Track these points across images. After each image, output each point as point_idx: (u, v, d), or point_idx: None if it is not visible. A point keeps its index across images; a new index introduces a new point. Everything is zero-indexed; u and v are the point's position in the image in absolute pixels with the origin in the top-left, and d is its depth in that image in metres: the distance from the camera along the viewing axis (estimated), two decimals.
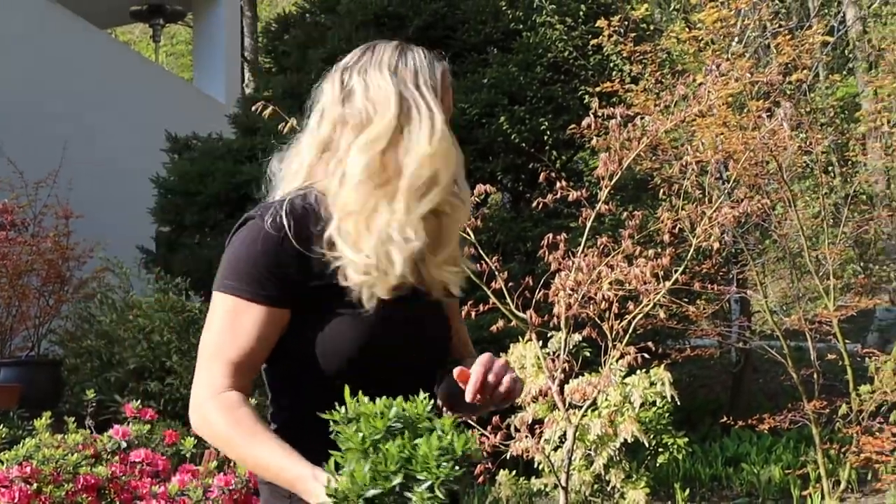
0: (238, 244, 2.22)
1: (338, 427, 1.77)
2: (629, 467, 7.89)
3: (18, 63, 12.65)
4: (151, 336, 8.67)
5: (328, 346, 2.19)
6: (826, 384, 8.78)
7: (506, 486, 8.03)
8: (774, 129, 7.08)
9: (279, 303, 2.18)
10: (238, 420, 2.11)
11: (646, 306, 6.18)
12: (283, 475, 2.03)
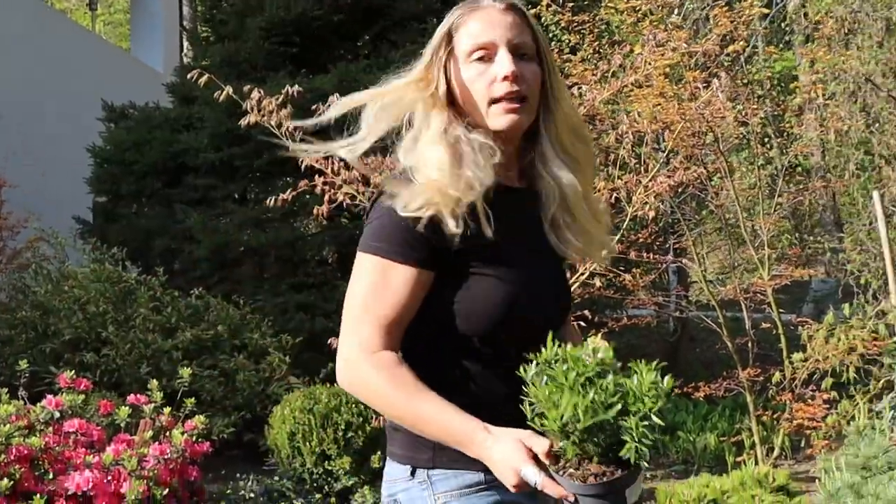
0: (383, 212, 2.28)
1: (545, 368, 1.96)
2: None
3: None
4: (87, 307, 8.60)
5: (475, 308, 2.24)
6: (761, 353, 8.87)
7: None
8: (710, 99, 7.12)
9: (426, 264, 2.23)
10: (399, 378, 2.17)
11: (582, 275, 6.21)
12: (450, 428, 2.11)
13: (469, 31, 2.40)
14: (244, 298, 10.07)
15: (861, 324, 7.47)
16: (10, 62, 13.43)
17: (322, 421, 6.80)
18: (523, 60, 2.35)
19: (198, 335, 8.73)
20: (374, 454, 6.83)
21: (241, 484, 5.67)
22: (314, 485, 6.65)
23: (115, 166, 12.13)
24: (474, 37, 2.39)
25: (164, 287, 9.48)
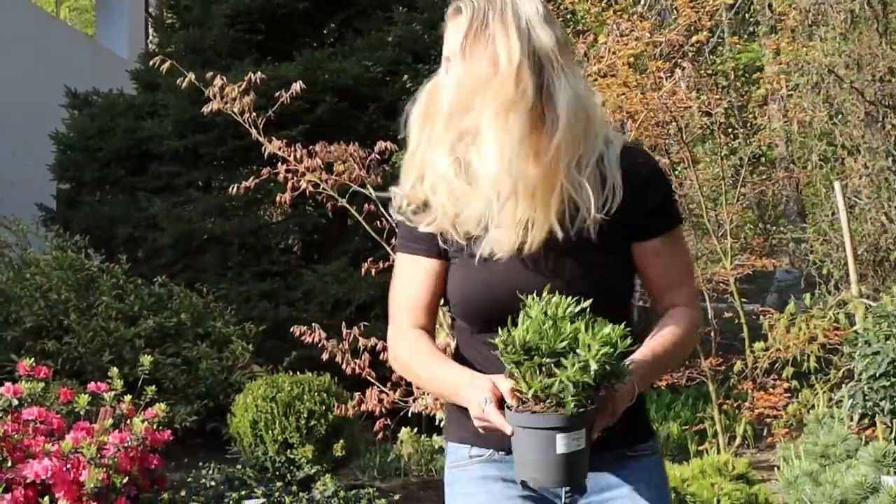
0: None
1: (526, 303, 2.07)
2: None
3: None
4: (49, 294, 8.54)
5: (448, 294, 2.42)
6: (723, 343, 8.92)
7: (408, 443, 8.07)
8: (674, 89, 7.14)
9: (429, 254, 2.40)
10: (416, 348, 2.38)
11: None
12: (447, 381, 2.31)
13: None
14: (208, 286, 10.03)
15: (822, 313, 7.52)
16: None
17: (285, 409, 6.78)
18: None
19: (160, 323, 8.69)
20: (337, 442, 6.83)
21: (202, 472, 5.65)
22: (276, 473, 6.63)
23: (79, 153, 12.05)
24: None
25: (127, 275, 9.43)
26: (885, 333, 5.60)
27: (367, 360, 6.17)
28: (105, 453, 4.83)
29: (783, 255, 16.37)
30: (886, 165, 11.11)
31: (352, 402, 6.26)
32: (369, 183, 6.35)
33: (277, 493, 5.36)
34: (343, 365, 6.14)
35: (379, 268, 6.36)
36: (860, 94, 11.33)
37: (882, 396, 5.40)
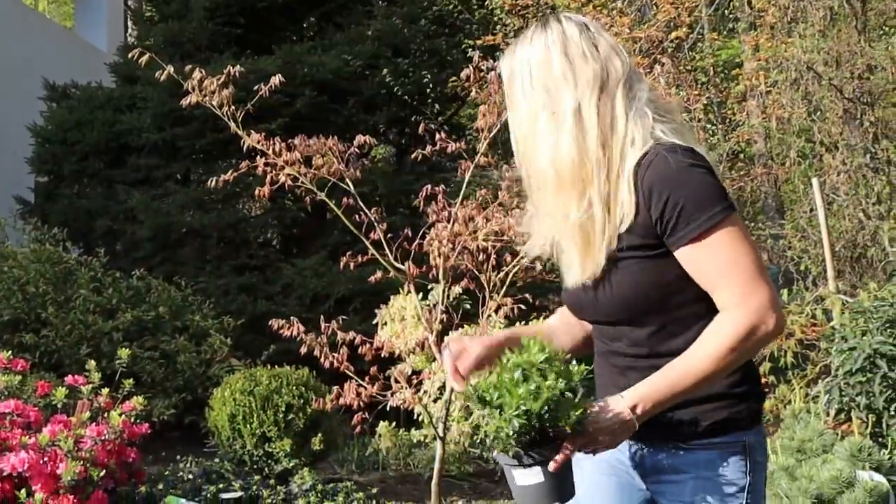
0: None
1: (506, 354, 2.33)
2: None
3: None
4: (27, 288, 8.51)
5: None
6: None
7: (386, 437, 8.07)
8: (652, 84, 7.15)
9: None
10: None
11: (523, 258, 6.22)
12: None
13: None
14: (186, 280, 10.02)
15: (799, 309, 7.56)
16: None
17: (262, 403, 6.77)
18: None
19: (139, 316, 8.67)
20: (315, 436, 6.82)
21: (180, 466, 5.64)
22: (254, 467, 6.63)
23: (57, 146, 12.02)
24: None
25: (105, 268, 9.41)
26: (861, 329, 5.63)
27: (346, 353, 6.16)
28: (82, 446, 4.82)
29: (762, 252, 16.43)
30: (864, 162, 11.17)
31: (330, 396, 6.25)
32: (348, 177, 6.34)
33: (255, 486, 5.36)
34: (321, 359, 6.14)
35: (357, 261, 6.36)
36: (839, 91, 11.38)
37: (858, 392, 5.43)
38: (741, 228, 2.37)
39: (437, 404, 7.20)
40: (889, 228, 10.37)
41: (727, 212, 2.34)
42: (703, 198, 2.34)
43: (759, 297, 2.32)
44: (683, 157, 2.36)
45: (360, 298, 9.78)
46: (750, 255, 2.36)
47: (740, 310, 2.33)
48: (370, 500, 5.32)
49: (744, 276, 2.35)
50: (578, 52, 2.45)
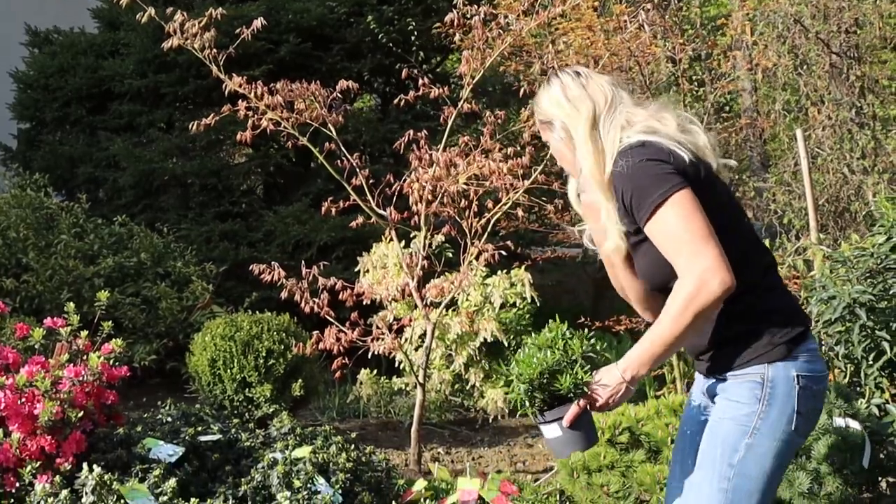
0: None
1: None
2: (488, 367, 7.99)
3: None
4: (7, 233, 8.47)
5: None
6: None
7: (367, 384, 8.08)
8: (637, 33, 7.12)
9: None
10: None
11: (504, 204, 6.21)
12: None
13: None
14: (168, 227, 10.00)
15: (781, 260, 7.56)
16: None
17: (243, 348, 6.76)
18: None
19: (120, 262, 8.64)
20: (295, 382, 6.82)
21: (159, 409, 5.63)
22: (234, 412, 6.63)
23: (39, 92, 11.95)
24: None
25: (87, 215, 9.37)
26: (841, 279, 5.64)
27: (326, 299, 6.16)
28: (60, 388, 4.79)
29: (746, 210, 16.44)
30: (850, 117, 11.15)
31: (310, 341, 6.25)
32: (331, 122, 6.31)
33: (234, 429, 5.34)
34: (302, 304, 6.13)
35: (339, 207, 6.34)
36: (825, 46, 11.34)
37: (837, 341, 5.45)
38: (685, 203, 2.89)
39: (419, 352, 7.21)
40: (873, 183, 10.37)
41: (669, 192, 2.90)
42: (647, 185, 2.93)
43: (701, 262, 2.83)
44: (632, 156, 2.99)
45: (342, 247, 9.77)
46: (693, 224, 2.87)
47: (686, 276, 2.86)
48: (349, 444, 5.31)
49: (687, 245, 2.87)
50: (574, 94, 3.21)
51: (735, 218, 3.12)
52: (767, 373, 2.99)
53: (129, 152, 10.79)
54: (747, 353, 3.02)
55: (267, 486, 4.71)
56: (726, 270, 2.82)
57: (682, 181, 2.91)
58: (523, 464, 7.10)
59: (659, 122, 3.10)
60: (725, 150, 15.52)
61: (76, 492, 4.34)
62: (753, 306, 3.04)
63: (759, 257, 3.14)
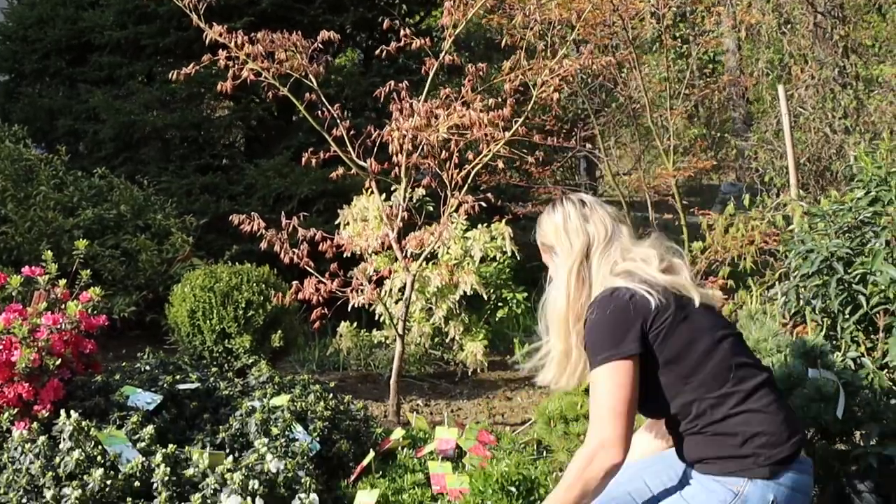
0: None
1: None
2: (468, 320, 8.00)
3: None
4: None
5: None
6: None
7: (346, 337, 8.08)
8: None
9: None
10: None
11: (485, 156, 6.19)
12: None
13: None
14: (149, 179, 9.96)
15: (760, 216, 7.58)
16: None
17: (223, 299, 6.74)
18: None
19: (100, 214, 8.61)
20: (275, 333, 6.81)
21: (139, 360, 5.62)
22: (214, 363, 6.62)
23: (18, 44, 11.86)
24: None
25: (66, 167, 9.32)
26: (819, 233, 5.65)
27: (306, 250, 6.14)
28: (38, 336, 4.78)
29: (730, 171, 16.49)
30: (832, 77, 11.15)
31: (290, 291, 6.24)
32: (312, 73, 6.28)
33: (212, 378, 5.35)
34: (282, 254, 6.11)
35: (320, 159, 6.32)
36: (810, 5, 11.32)
37: (814, 294, 5.45)
38: (616, 375, 3.13)
39: (399, 305, 7.21)
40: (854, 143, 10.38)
41: (608, 359, 3.14)
42: (597, 343, 3.19)
43: (602, 434, 3.11)
44: (598, 308, 3.24)
45: (322, 200, 9.75)
46: (613, 398, 3.12)
47: (586, 444, 3.15)
48: (327, 393, 5.32)
49: (598, 413, 3.15)
50: (573, 227, 3.41)
51: (706, 351, 3.24)
52: (745, 488, 3.15)
53: (109, 105, 10.72)
54: (732, 464, 3.18)
55: (245, 434, 4.73)
56: (619, 448, 3.10)
57: (623, 351, 3.15)
58: (502, 416, 7.13)
59: (644, 262, 3.30)
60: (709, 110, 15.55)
61: (54, 438, 4.35)
62: (737, 426, 3.19)
63: (741, 381, 3.24)
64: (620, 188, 8.69)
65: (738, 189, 15.35)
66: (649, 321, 3.17)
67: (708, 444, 3.23)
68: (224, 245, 9.06)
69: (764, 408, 3.23)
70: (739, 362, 3.28)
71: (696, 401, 3.22)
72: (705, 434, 3.23)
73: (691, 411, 3.23)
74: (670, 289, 3.23)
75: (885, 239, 4.84)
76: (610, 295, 3.23)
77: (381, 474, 4.80)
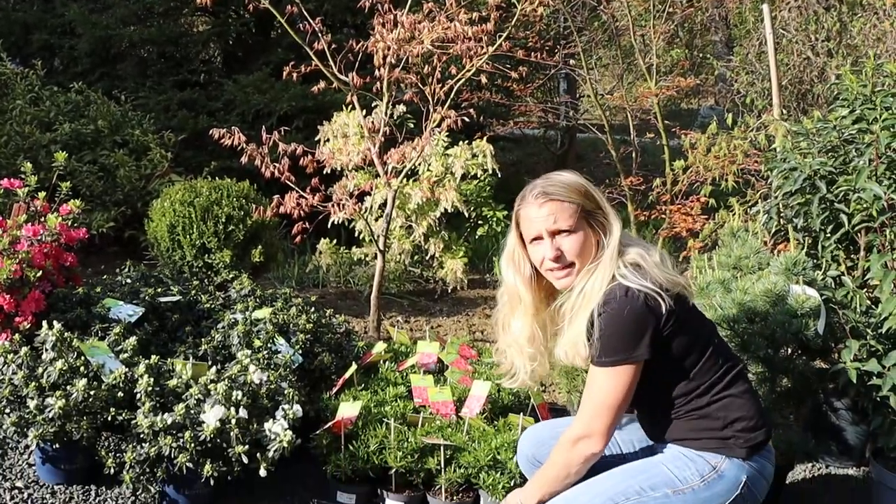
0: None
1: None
2: (448, 238, 7.99)
3: None
4: None
5: None
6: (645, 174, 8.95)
7: (326, 254, 8.07)
8: None
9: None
10: None
11: (468, 70, 6.13)
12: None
13: (523, 224, 3.37)
14: (126, 95, 9.85)
15: (743, 135, 7.56)
16: None
17: (203, 214, 6.70)
18: (564, 236, 3.29)
19: (77, 130, 8.52)
20: (255, 249, 6.79)
21: (119, 273, 5.60)
22: (194, 278, 6.60)
23: None
24: (527, 230, 3.36)
25: (42, 82, 9.21)
26: (802, 152, 5.64)
27: (287, 164, 6.09)
28: (18, 248, 4.75)
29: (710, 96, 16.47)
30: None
31: (270, 205, 6.20)
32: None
33: (194, 291, 5.33)
34: (262, 168, 6.06)
35: (301, 72, 6.25)
36: None
37: (796, 213, 5.46)
38: (621, 377, 3.18)
39: (379, 223, 7.20)
40: (836, 66, 10.35)
41: (619, 362, 3.17)
42: (611, 345, 3.16)
43: (593, 424, 3.22)
44: (615, 309, 3.15)
45: (302, 116, 9.67)
46: (613, 396, 3.20)
47: (576, 426, 3.28)
48: (309, 307, 5.32)
49: (592, 405, 3.24)
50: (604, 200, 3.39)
51: (701, 347, 3.32)
52: (722, 464, 3.29)
53: (86, 18, 10.57)
54: (713, 443, 3.32)
55: (227, 346, 4.72)
56: (602, 440, 3.24)
57: (635, 355, 3.18)
58: (482, 333, 7.16)
59: (646, 251, 3.33)
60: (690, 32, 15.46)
61: (36, 349, 4.33)
62: (719, 411, 3.32)
63: (725, 372, 3.36)
64: (601, 107, 8.62)
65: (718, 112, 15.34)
66: (661, 326, 3.19)
67: (690, 426, 3.35)
68: (202, 161, 9.00)
69: (741, 394, 3.37)
70: (725, 355, 3.41)
71: (688, 392, 3.33)
72: (688, 418, 3.35)
73: (681, 400, 3.35)
74: (672, 289, 3.24)
75: (868, 157, 4.83)
76: (625, 295, 3.17)
77: (364, 387, 4.82)
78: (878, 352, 4.46)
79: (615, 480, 3.33)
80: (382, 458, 4.23)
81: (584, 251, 3.30)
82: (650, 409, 3.49)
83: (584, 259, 3.30)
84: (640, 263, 3.24)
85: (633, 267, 3.23)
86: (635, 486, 3.29)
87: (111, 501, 4.28)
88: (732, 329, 4.58)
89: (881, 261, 4.44)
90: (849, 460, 5.42)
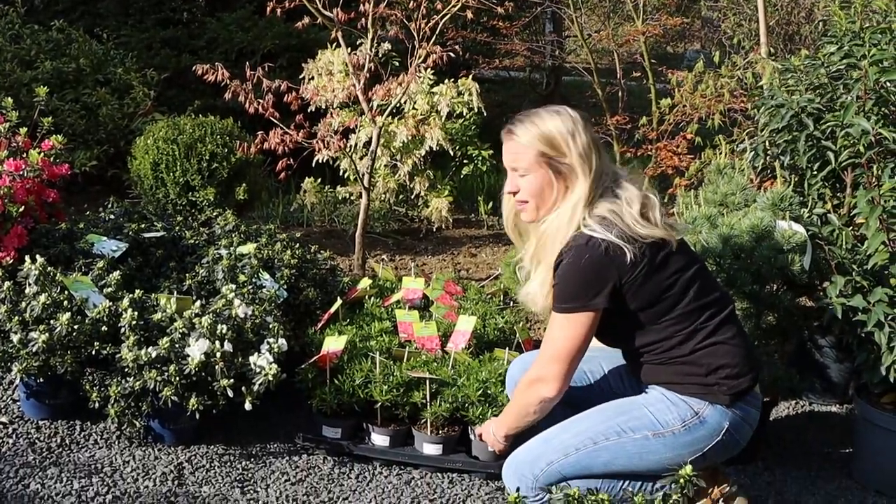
0: None
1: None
2: (434, 176, 7.97)
3: None
4: None
5: None
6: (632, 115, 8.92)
7: (311, 192, 8.04)
8: None
9: None
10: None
11: (454, 6, 6.08)
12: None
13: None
14: (108, 33, 9.75)
15: (730, 73, 7.53)
16: None
17: (186, 151, 6.64)
18: (521, 175, 3.38)
19: (59, 68, 8.43)
20: (239, 186, 6.74)
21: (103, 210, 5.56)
22: (178, 215, 6.56)
23: None
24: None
25: (22, 20, 9.11)
26: (790, 89, 5.61)
27: (271, 101, 6.05)
28: (0, 183, 4.71)
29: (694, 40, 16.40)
30: None
31: (255, 141, 6.15)
32: None
33: (178, 227, 5.30)
34: (246, 104, 6.01)
35: (285, 8, 6.19)
36: None
37: (782, 150, 5.44)
38: (577, 324, 3.24)
39: (364, 161, 7.17)
40: (824, 6, 10.29)
41: (575, 309, 3.24)
42: (567, 291, 3.25)
43: (550, 369, 3.30)
44: (576, 255, 3.22)
45: (286, 54, 9.58)
46: (570, 342, 3.26)
47: (535, 368, 3.38)
48: (293, 243, 5.30)
49: (549, 351, 3.32)
50: (584, 143, 3.35)
51: (678, 294, 3.33)
52: (705, 410, 3.33)
53: None
54: (696, 388, 3.35)
55: (212, 281, 4.71)
56: (557, 385, 3.31)
57: (591, 304, 3.23)
58: (467, 271, 7.15)
59: (629, 204, 3.28)
60: None
61: (19, 284, 4.31)
62: (702, 358, 3.35)
63: (710, 316, 3.38)
64: (587, 45, 8.58)
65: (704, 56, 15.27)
66: (623, 277, 3.22)
67: (673, 370, 3.38)
68: (186, 100, 8.92)
69: (728, 340, 3.39)
70: (710, 300, 3.41)
71: (665, 339, 3.36)
72: (672, 364, 3.38)
73: (658, 347, 3.38)
74: (647, 240, 3.25)
75: (856, 93, 4.81)
76: (585, 244, 3.22)
77: (349, 322, 4.81)
78: (864, 288, 4.46)
79: (596, 420, 3.39)
80: (368, 392, 4.23)
81: (543, 194, 3.36)
82: (630, 355, 3.53)
83: (543, 201, 3.37)
84: (607, 216, 3.25)
85: (599, 219, 3.25)
86: (616, 427, 3.34)
87: (96, 436, 4.28)
88: (718, 265, 4.57)
89: (867, 196, 4.43)
90: (832, 398, 5.46)
